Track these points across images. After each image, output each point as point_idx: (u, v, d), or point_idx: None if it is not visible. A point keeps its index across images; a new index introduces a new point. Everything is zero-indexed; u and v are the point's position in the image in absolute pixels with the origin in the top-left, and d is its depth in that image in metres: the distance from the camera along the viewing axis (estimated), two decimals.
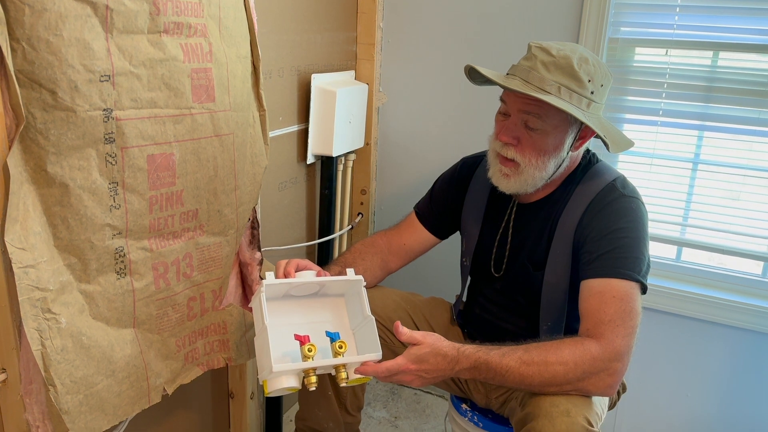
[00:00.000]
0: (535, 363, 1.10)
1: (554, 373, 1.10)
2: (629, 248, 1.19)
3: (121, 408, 1.13)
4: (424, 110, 2.03)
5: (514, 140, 1.24)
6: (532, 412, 1.10)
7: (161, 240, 1.16)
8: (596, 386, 1.12)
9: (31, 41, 0.88)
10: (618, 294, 1.15)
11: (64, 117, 0.94)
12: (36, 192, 0.95)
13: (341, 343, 1.14)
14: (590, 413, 1.09)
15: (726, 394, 1.80)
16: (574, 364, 1.10)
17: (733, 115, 1.67)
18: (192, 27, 1.11)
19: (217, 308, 1.34)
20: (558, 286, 1.28)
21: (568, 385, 1.11)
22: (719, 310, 1.74)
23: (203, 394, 1.61)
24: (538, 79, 1.18)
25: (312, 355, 1.11)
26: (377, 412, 2.09)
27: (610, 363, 1.11)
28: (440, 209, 1.51)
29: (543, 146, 1.22)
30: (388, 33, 2.01)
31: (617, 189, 1.25)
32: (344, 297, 1.29)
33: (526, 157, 1.23)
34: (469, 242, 1.45)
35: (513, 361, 1.11)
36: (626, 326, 1.13)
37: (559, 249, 1.27)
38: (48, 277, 0.97)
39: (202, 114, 1.16)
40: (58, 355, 0.99)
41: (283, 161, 1.74)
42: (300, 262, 1.25)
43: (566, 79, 1.18)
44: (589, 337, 1.14)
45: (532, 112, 1.20)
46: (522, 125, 1.23)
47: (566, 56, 1.18)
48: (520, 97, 1.21)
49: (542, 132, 1.22)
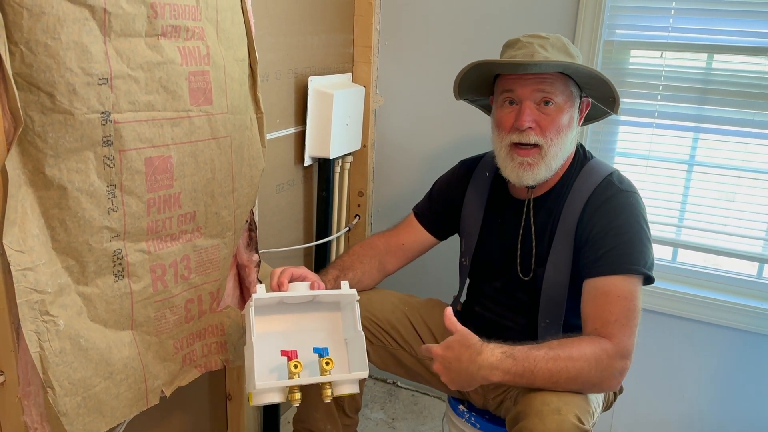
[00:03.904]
0: (562, 359, 1.11)
1: (580, 369, 1.11)
2: (631, 243, 1.21)
3: (119, 410, 1.13)
4: (420, 112, 2.03)
5: (534, 123, 1.24)
6: (523, 410, 1.11)
7: (159, 242, 1.16)
8: (609, 384, 1.14)
9: (29, 44, 0.89)
10: (622, 293, 1.17)
11: (62, 120, 0.94)
12: (34, 194, 0.96)
13: (328, 359, 1.15)
14: (582, 411, 1.10)
15: (721, 394, 1.80)
16: (595, 361, 1.11)
17: (728, 117, 1.67)
18: (189, 30, 1.12)
19: (214, 310, 1.34)
20: (558, 281, 1.29)
21: (589, 382, 1.12)
22: (715, 311, 1.74)
23: (201, 396, 1.61)
24: (543, 56, 1.22)
25: (298, 372, 1.13)
26: (375, 414, 2.09)
27: (622, 360, 1.14)
28: (439, 210, 1.51)
29: (561, 122, 1.25)
30: (385, 35, 2.02)
31: (614, 184, 1.27)
32: (339, 305, 1.30)
33: (548, 138, 1.24)
34: (469, 242, 1.45)
35: (540, 357, 1.11)
36: (630, 325, 1.16)
37: (561, 245, 1.28)
38: (46, 280, 0.97)
39: (199, 117, 1.16)
40: (56, 357, 0.99)
41: (280, 163, 1.75)
42: (295, 272, 1.24)
43: (564, 56, 1.25)
44: (600, 336, 1.15)
45: (545, 89, 1.23)
46: (535, 108, 1.25)
47: (558, 37, 1.28)
48: (531, 77, 1.23)
49: (558, 108, 1.24)
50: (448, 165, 1.57)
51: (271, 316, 1.22)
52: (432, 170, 1.98)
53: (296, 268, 1.26)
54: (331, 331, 1.27)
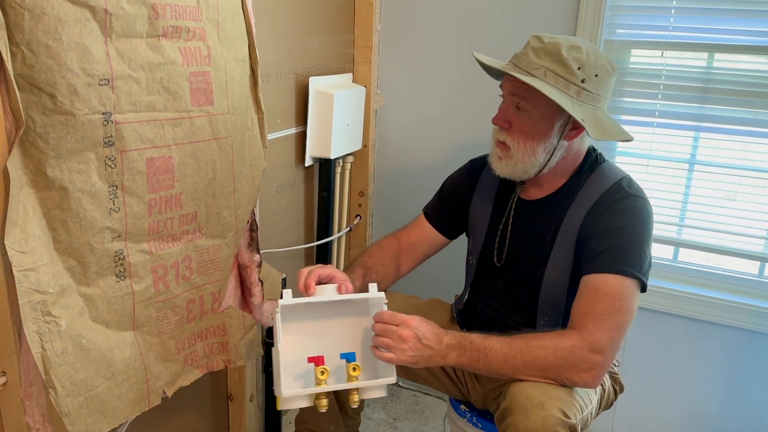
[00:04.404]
0: (517, 345, 1.14)
1: (535, 355, 1.13)
2: (630, 246, 1.20)
3: (120, 410, 1.14)
4: (421, 112, 2.03)
5: (506, 123, 1.28)
6: (509, 406, 1.12)
7: (160, 243, 1.16)
8: (579, 376, 1.14)
9: (30, 45, 0.89)
10: (611, 291, 1.17)
11: (63, 121, 0.94)
12: (36, 195, 0.96)
13: (355, 365, 1.16)
14: (566, 405, 1.10)
15: (723, 393, 1.80)
16: (553, 350, 1.12)
17: (729, 116, 1.67)
18: (190, 31, 1.12)
19: (216, 310, 1.34)
20: (558, 282, 1.29)
21: (551, 371, 1.13)
22: (716, 310, 1.74)
23: (202, 397, 1.61)
24: (526, 62, 1.23)
25: (324, 379, 1.14)
26: (376, 414, 2.09)
27: (590, 354, 1.13)
28: (448, 208, 1.51)
29: (531, 130, 1.25)
30: (386, 35, 2.02)
31: (623, 188, 1.27)
32: (367, 306, 1.28)
33: (515, 141, 1.26)
34: (476, 241, 1.45)
35: (496, 342, 1.16)
36: (612, 321, 1.15)
37: (563, 245, 1.28)
38: (48, 280, 0.97)
39: (200, 117, 1.16)
40: (58, 358, 0.99)
41: (281, 164, 1.75)
42: (322, 272, 1.22)
43: (553, 64, 1.21)
44: (572, 328, 1.17)
45: (519, 94, 1.24)
46: (513, 110, 1.27)
47: (556, 43, 1.22)
48: (510, 80, 1.25)
49: (530, 115, 1.25)
50: (448, 164, 1.57)
51: (297, 318, 1.22)
52: (433, 170, 1.98)
53: (323, 268, 1.23)
54: (358, 332, 1.26)
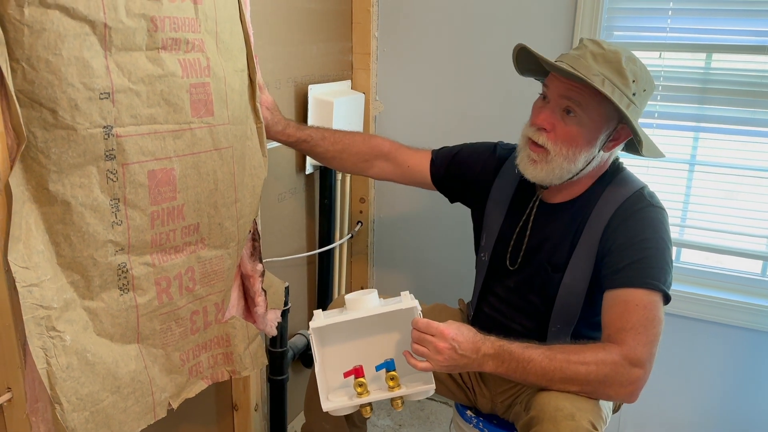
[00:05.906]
0: (558, 359, 1.11)
1: (576, 371, 1.10)
2: (654, 258, 1.19)
3: (126, 424, 1.13)
4: (420, 118, 2.03)
5: (549, 125, 1.23)
6: (537, 416, 1.10)
7: (163, 255, 1.16)
8: (618, 392, 1.12)
9: (30, 61, 0.89)
10: (641, 303, 1.15)
11: (64, 135, 0.94)
12: (38, 210, 0.96)
13: (393, 374, 1.17)
14: (595, 417, 1.10)
15: (728, 392, 1.80)
16: (595, 366, 1.10)
17: (728, 115, 1.68)
18: (189, 42, 1.12)
19: (220, 321, 1.34)
20: (575, 289, 1.28)
21: (589, 386, 1.11)
22: (719, 310, 1.74)
23: (207, 407, 1.61)
24: (584, 67, 1.17)
25: (362, 391, 1.18)
26: (381, 421, 2.09)
27: (631, 369, 1.11)
28: (455, 177, 1.49)
29: (577, 137, 1.21)
30: (384, 42, 2.02)
31: (645, 198, 1.25)
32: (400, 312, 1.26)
33: (557, 146, 1.22)
34: (490, 237, 1.43)
35: (536, 353, 1.12)
36: (648, 334, 1.13)
37: (583, 253, 1.26)
38: (52, 295, 0.97)
39: (201, 128, 1.16)
40: (63, 373, 0.99)
41: (281, 172, 1.75)
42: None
43: (612, 73, 1.18)
44: (610, 342, 1.14)
45: (573, 99, 1.19)
46: (559, 113, 1.22)
47: (616, 51, 1.19)
48: (564, 82, 1.20)
49: (579, 122, 1.20)
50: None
51: (336, 327, 1.23)
52: None
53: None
54: (394, 336, 1.27)
